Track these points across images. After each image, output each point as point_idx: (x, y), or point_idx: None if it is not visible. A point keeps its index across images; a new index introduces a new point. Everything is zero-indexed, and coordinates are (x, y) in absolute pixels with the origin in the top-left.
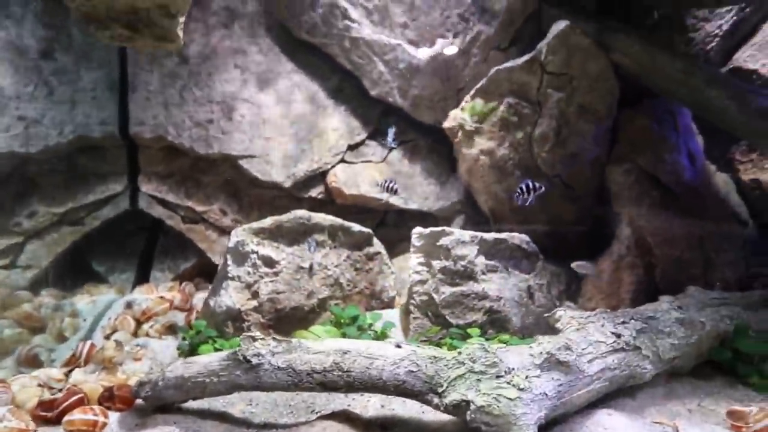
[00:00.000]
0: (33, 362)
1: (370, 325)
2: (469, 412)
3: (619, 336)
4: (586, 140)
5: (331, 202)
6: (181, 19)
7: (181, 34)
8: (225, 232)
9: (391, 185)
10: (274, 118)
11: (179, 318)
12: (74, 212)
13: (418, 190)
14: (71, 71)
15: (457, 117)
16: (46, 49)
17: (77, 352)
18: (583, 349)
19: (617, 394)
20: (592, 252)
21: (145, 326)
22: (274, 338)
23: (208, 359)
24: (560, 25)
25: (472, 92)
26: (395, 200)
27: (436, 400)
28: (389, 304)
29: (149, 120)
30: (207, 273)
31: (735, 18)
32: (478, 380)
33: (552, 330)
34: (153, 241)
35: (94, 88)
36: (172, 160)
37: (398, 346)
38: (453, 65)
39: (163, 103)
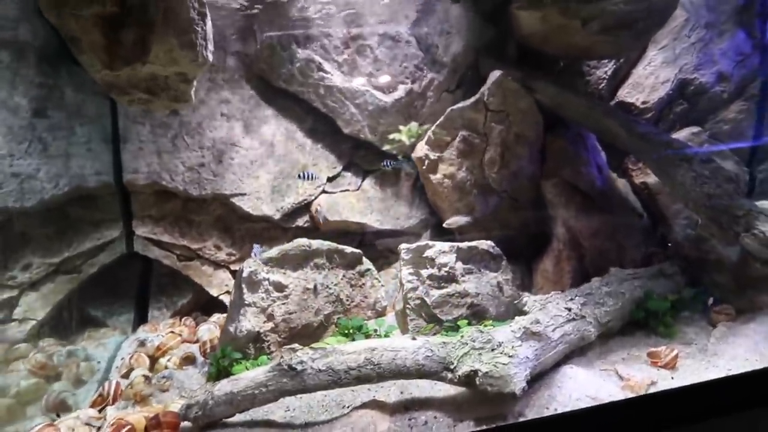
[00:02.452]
0: (61, 407)
1: (375, 330)
2: (477, 378)
3: (569, 309)
4: (523, 161)
5: (315, 229)
6: (195, 83)
7: (193, 94)
8: (220, 266)
9: (307, 173)
10: (260, 159)
11: (192, 350)
12: (70, 261)
13: (391, 212)
14: (65, 127)
15: (423, 148)
16: (38, 108)
17: (104, 391)
18: (547, 322)
19: (572, 353)
20: (536, 250)
21: (162, 360)
22: (310, 347)
23: (254, 374)
24: (496, 74)
25: (432, 127)
26: (372, 222)
27: (450, 375)
28: (383, 313)
29: (143, 168)
30: (203, 306)
31: (614, 66)
32: (480, 354)
33: (520, 313)
34: (145, 281)
35: (87, 141)
36: (164, 203)
37: (413, 338)
38: (413, 105)
39: (155, 152)
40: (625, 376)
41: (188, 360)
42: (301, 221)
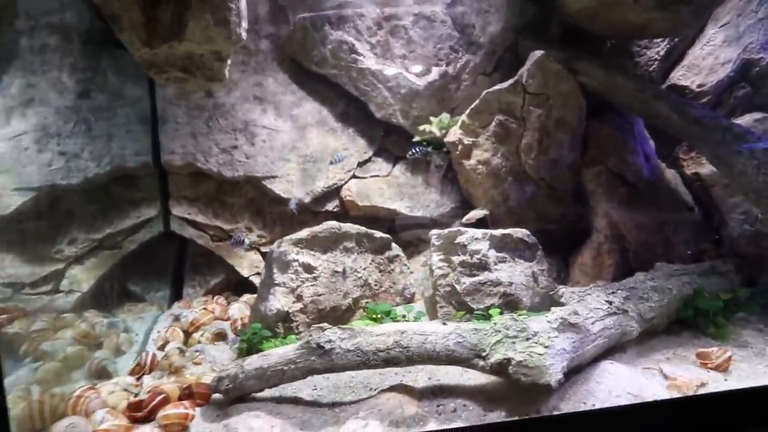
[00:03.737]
0: (102, 373)
1: (404, 316)
2: (510, 367)
3: (611, 303)
4: (564, 148)
5: (345, 214)
6: (228, 61)
7: (227, 73)
8: (251, 247)
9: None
10: (292, 142)
11: (223, 326)
12: (112, 237)
13: (421, 199)
14: (107, 108)
15: (457, 133)
16: (83, 90)
17: (142, 361)
18: (587, 314)
19: (613, 349)
20: (574, 242)
21: (196, 335)
22: (339, 327)
23: (283, 350)
24: (537, 54)
25: (467, 111)
26: (402, 209)
27: (481, 363)
28: (411, 300)
29: (178, 149)
30: (235, 286)
31: (668, 46)
32: (513, 342)
33: (556, 304)
34: (181, 259)
35: (127, 122)
36: (199, 184)
37: (444, 323)
38: (447, 89)
39: (191, 133)
40: (670, 375)
41: (220, 336)
42: (331, 206)
